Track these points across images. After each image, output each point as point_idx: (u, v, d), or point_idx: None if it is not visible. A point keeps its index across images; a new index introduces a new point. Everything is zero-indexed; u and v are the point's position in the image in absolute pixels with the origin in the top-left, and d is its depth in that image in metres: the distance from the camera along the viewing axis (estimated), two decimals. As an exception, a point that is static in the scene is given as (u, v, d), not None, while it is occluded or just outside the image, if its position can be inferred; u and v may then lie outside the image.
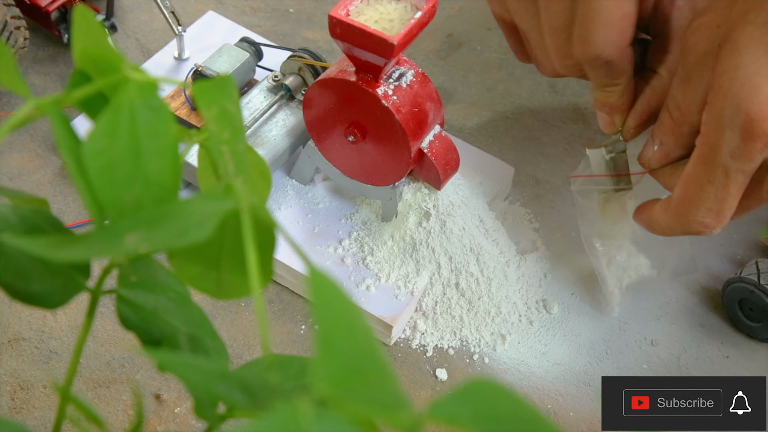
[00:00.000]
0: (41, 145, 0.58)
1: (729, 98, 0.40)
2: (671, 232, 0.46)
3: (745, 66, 0.40)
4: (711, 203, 0.42)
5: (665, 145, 0.46)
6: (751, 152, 0.40)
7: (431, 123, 0.51)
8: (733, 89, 0.40)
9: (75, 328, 0.50)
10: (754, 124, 0.39)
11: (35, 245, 0.25)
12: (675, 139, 0.45)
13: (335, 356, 0.22)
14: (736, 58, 0.40)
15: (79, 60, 0.29)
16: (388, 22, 0.46)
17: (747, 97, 0.39)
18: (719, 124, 0.41)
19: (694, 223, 0.43)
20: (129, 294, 0.31)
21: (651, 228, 0.47)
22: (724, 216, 0.43)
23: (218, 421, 0.30)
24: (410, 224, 0.53)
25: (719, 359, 0.52)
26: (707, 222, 0.43)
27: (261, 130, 0.56)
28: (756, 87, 0.39)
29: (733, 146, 0.40)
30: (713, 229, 0.43)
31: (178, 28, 0.60)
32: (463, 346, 0.52)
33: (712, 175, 0.42)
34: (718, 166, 0.41)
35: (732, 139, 0.40)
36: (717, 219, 0.43)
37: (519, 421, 0.22)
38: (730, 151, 0.40)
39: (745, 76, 0.40)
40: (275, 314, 0.52)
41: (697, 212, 0.43)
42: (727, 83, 0.40)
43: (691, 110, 0.43)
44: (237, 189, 0.26)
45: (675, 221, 0.44)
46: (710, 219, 0.43)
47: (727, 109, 0.40)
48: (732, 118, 0.40)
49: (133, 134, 0.27)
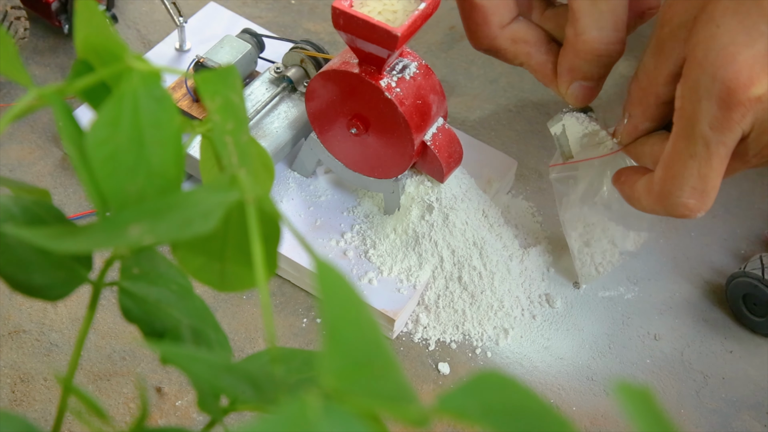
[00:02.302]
0: (42, 136, 0.58)
1: (704, 68, 0.40)
2: (654, 213, 0.45)
3: (720, 36, 0.40)
4: (694, 181, 0.42)
5: (633, 117, 0.46)
6: (730, 122, 0.40)
7: (434, 115, 0.50)
8: (709, 59, 0.40)
9: (76, 320, 0.50)
10: (731, 92, 0.39)
11: (37, 236, 0.25)
12: (642, 110, 0.45)
13: (342, 349, 0.21)
14: (711, 29, 0.40)
15: (82, 49, 0.29)
16: (392, 14, 0.46)
17: (722, 66, 0.39)
18: (695, 95, 0.40)
19: (678, 206, 0.43)
20: (131, 286, 0.30)
21: (632, 203, 0.46)
22: (708, 196, 0.42)
23: (221, 414, 0.29)
24: (413, 217, 0.53)
25: (723, 354, 0.52)
26: (691, 204, 0.42)
27: (263, 122, 0.56)
28: (731, 56, 0.39)
29: (711, 117, 0.40)
30: (697, 212, 0.43)
31: (180, 19, 0.60)
32: (465, 340, 0.51)
33: (693, 148, 0.41)
34: (698, 139, 0.41)
35: (710, 109, 0.40)
36: (701, 199, 0.42)
37: (528, 414, 0.21)
38: (708, 122, 0.40)
39: (720, 46, 0.39)
40: (277, 307, 0.52)
41: (681, 192, 0.42)
42: (702, 53, 0.40)
43: (659, 80, 0.43)
44: (242, 180, 0.26)
45: (658, 203, 0.44)
46: (694, 200, 0.42)
47: (703, 80, 0.40)
48: (708, 89, 0.40)
49: (136, 124, 0.27)
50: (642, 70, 0.45)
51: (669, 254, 0.56)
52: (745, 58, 0.39)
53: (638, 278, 0.55)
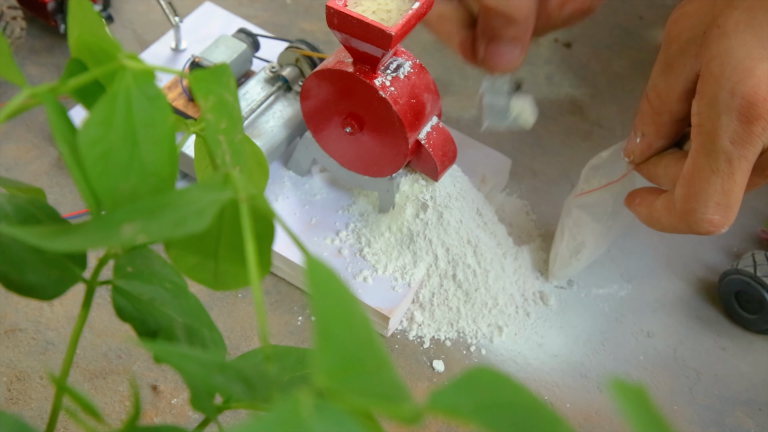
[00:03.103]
0: (37, 135, 0.58)
1: (722, 83, 0.40)
2: (675, 231, 0.44)
3: (735, 50, 0.40)
4: (718, 197, 0.41)
5: (647, 136, 0.46)
6: (751, 135, 0.40)
7: (429, 114, 0.51)
8: (725, 74, 0.40)
9: (71, 319, 0.50)
10: (750, 107, 0.39)
11: (31, 235, 0.25)
12: (656, 128, 0.45)
13: (334, 347, 0.22)
14: (725, 43, 0.40)
15: (75, 48, 0.29)
16: (386, 13, 0.46)
17: (741, 81, 0.39)
18: (714, 111, 0.40)
19: (703, 222, 0.42)
20: (125, 285, 0.30)
21: (651, 224, 0.46)
22: (731, 211, 0.42)
23: (215, 412, 0.30)
24: (407, 216, 0.53)
25: (716, 351, 0.52)
26: (716, 220, 0.42)
27: (258, 121, 0.56)
28: (748, 70, 0.39)
29: (731, 132, 0.40)
30: (721, 228, 0.42)
31: (175, 18, 0.60)
32: (459, 338, 0.51)
33: (715, 164, 0.41)
34: (720, 154, 0.40)
35: (730, 124, 0.40)
36: (725, 215, 0.42)
37: (520, 410, 0.21)
38: (729, 137, 0.40)
39: (737, 60, 0.39)
40: (272, 305, 0.52)
41: (705, 209, 0.42)
42: (718, 68, 0.40)
43: (672, 98, 0.43)
44: (235, 179, 0.26)
45: (681, 221, 0.43)
46: (719, 216, 0.42)
47: (722, 95, 0.40)
48: (727, 104, 0.40)
49: (130, 123, 0.27)
50: (652, 89, 0.44)
51: (662, 252, 0.57)
52: (763, 71, 0.39)
53: (632, 276, 0.55)
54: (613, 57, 0.66)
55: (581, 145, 0.61)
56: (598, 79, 0.65)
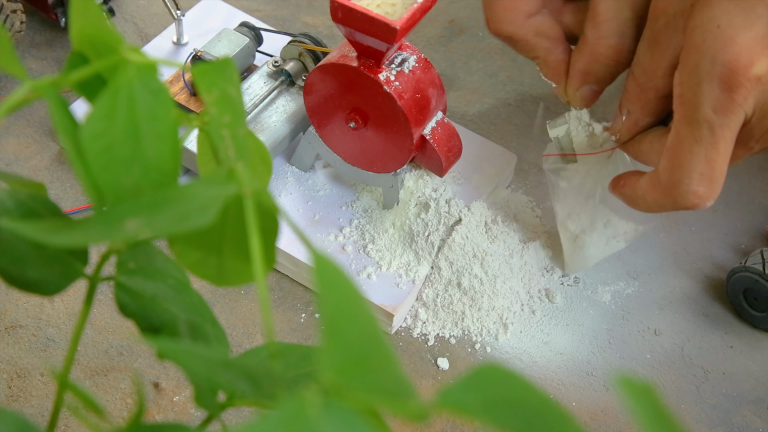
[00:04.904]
0: (38, 130, 0.58)
1: (703, 51, 0.40)
2: (660, 208, 0.44)
3: (717, 18, 0.39)
4: (702, 167, 0.41)
5: (632, 114, 0.45)
6: (732, 103, 0.39)
7: (433, 109, 0.50)
8: (707, 42, 0.39)
9: (73, 315, 0.50)
10: (732, 73, 0.39)
11: (32, 230, 0.25)
12: (642, 105, 0.45)
13: (341, 344, 0.21)
14: (708, 12, 0.40)
15: (77, 41, 0.28)
16: (391, 6, 0.46)
17: (722, 49, 0.39)
18: (696, 79, 0.40)
19: (688, 194, 0.42)
20: (127, 281, 0.30)
21: (635, 204, 0.45)
22: (716, 182, 0.41)
23: (218, 409, 0.29)
24: (411, 212, 0.52)
25: (723, 349, 0.52)
26: (700, 191, 0.41)
27: (261, 116, 0.55)
28: (730, 38, 0.39)
29: (713, 99, 0.40)
30: (707, 200, 0.42)
31: (177, 12, 0.59)
32: (464, 336, 0.51)
33: (698, 133, 0.40)
34: (703, 123, 0.40)
35: (711, 92, 0.39)
36: (710, 186, 0.41)
37: (529, 407, 0.21)
38: (711, 105, 0.40)
39: (719, 29, 0.39)
40: (275, 302, 0.52)
41: (689, 180, 0.41)
42: (700, 37, 0.40)
43: (657, 74, 0.43)
44: (239, 173, 0.25)
45: (665, 195, 0.43)
46: (703, 187, 0.41)
47: (703, 63, 0.40)
48: (709, 71, 0.39)
49: (132, 117, 0.27)
50: (638, 65, 0.44)
51: (669, 249, 0.56)
52: (745, 39, 0.39)
53: (638, 273, 0.55)
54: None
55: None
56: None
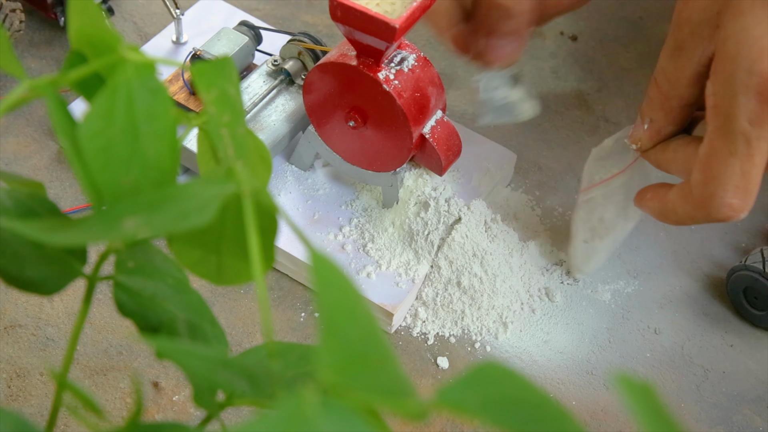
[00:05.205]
0: (37, 129, 0.57)
1: (738, 62, 0.39)
2: (692, 221, 0.43)
3: (751, 28, 0.39)
4: (737, 180, 0.40)
5: (655, 122, 0.45)
6: None
7: (433, 108, 0.50)
8: (742, 52, 0.39)
9: (72, 314, 0.49)
10: None
11: (31, 229, 0.25)
12: (665, 114, 0.44)
13: (339, 343, 0.21)
14: (741, 22, 0.39)
15: (75, 40, 0.28)
16: (390, 5, 0.46)
17: (758, 59, 0.38)
18: (731, 90, 0.39)
19: (722, 207, 0.41)
20: (126, 280, 0.30)
21: (664, 217, 0.45)
22: (750, 194, 0.41)
23: (217, 409, 0.29)
24: (411, 211, 0.52)
25: (723, 348, 0.52)
26: (735, 204, 0.41)
27: (260, 115, 0.55)
28: (766, 48, 0.38)
29: (749, 111, 0.39)
30: (740, 212, 0.41)
31: (176, 11, 0.59)
32: (464, 335, 0.51)
33: (733, 146, 0.40)
34: (738, 135, 0.39)
35: (747, 104, 0.39)
36: (744, 198, 0.41)
37: (528, 406, 0.21)
38: (747, 117, 0.39)
39: (754, 39, 0.39)
40: (274, 301, 0.52)
41: (724, 193, 0.40)
42: (735, 47, 0.39)
43: (682, 82, 0.43)
44: (238, 172, 0.25)
45: (698, 208, 0.42)
46: (738, 199, 0.41)
47: (739, 74, 0.39)
48: (745, 83, 0.39)
49: (131, 116, 0.27)
50: (661, 73, 0.43)
51: (669, 248, 0.56)
52: None
53: (638, 272, 0.55)
54: (619, 50, 0.66)
55: (587, 139, 0.61)
56: (605, 73, 0.65)
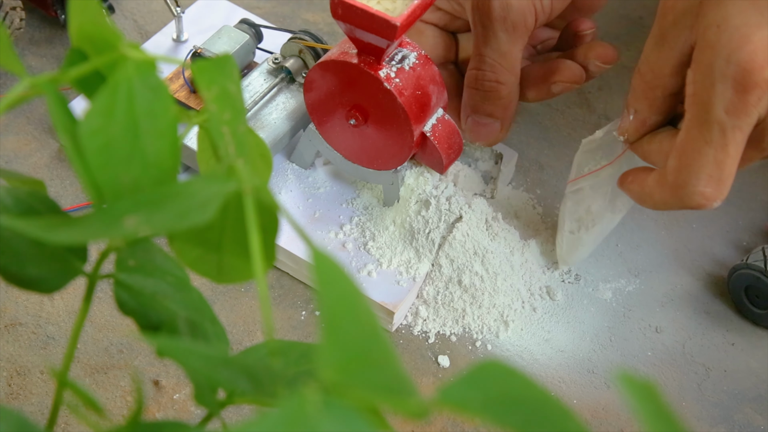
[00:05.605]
0: (38, 127, 0.57)
1: (718, 51, 0.39)
2: (666, 207, 0.44)
3: (732, 17, 0.39)
4: (710, 169, 0.40)
5: (640, 113, 0.45)
6: (746, 105, 0.39)
7: (434, 106, 0.50)
8: (722, 41, 0.39)
9: (72, 313, 0.49)
10: (746, 74, 0.38)
11: (31, 227, 0.25)
12: (649, 104, 0.44)
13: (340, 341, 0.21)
14: (722, 11, 0.39)
15: (76, 38, 0.28)
16: (391, 3, 0.46)
17: (737, 48, 0.38)
18: (709, 79, 0.39)
19: (695, 195, 0.41)
20: (127, 278, 0.30)
21: (642, 201, 0.45)
22: (724, 184, 0.41)
23: (218, 407, 0.29)
24: (412, 210, 0.52)
25: (725, 346, 0.52)
26: (707, 192, 0.41)
27: (261, 113, 0.55)
28: (745, 37, 0.38)
29: (726, 100, 0.39)
30: (714, 201, 0.41)
31: (177, 9, 0.59)
32: (465, 333, 0.51)
33: (708, 135, 0.40)
34: (714, 124, 0.40)
35: (725, 93, 0.39)
36: (718, 187, 0.41)
37: (530, 404, 0.21)
38: (724, 106, 0.39)
39: (733, 28, 0.39)
40: (275, 300, 0.51)
41: (697, 181, 0.41)
42: (714, 36, 0.39)
43: (665, 72, 0.43)
44: (239, 170, 0.25)
45: (672, 195, 0.43)
46: (711, 188, 0.41)
47: (717, 63, 0.39)
48: (723, 71, 0.39)
49: (131, 114, 0.26)
50: (645, 62, 0.44)
51: (670, 246, 0.56)
52: (760, 38, 0.38)
53: (639, 270, 0.55)
54: (620, 48, 0.66)
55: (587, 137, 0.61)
56: (606, 71, 0.64)
